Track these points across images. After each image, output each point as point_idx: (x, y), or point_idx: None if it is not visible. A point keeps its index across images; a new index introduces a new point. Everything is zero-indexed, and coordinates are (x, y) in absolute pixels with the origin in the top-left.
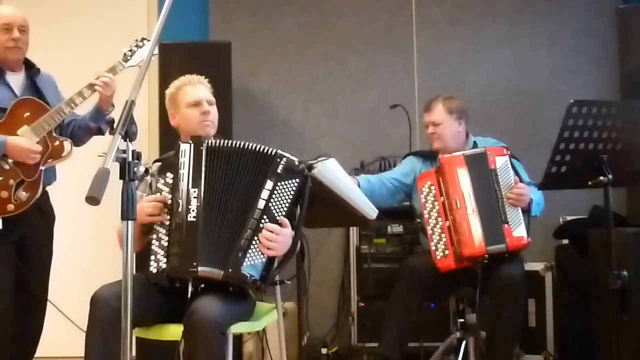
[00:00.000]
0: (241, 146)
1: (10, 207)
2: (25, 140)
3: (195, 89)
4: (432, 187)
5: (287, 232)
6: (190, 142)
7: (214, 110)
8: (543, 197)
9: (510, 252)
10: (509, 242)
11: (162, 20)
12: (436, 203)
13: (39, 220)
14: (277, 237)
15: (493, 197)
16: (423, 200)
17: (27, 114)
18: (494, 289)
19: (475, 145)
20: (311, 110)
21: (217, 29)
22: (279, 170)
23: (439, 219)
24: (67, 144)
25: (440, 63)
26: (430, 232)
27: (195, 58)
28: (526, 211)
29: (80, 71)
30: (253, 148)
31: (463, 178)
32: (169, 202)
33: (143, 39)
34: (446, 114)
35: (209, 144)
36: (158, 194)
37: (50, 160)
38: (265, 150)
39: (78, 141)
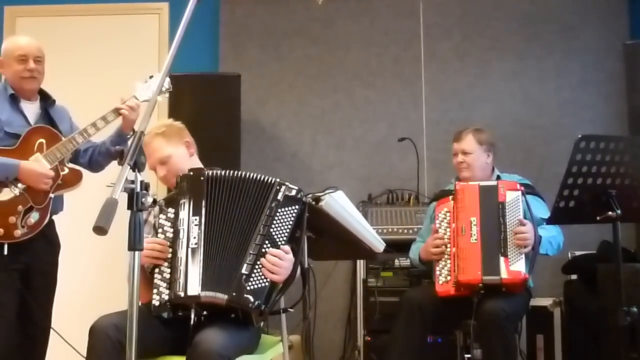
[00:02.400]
0: (241, 175)
1: (18, 233)
2: (38, 165)
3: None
4: (448, 214)
5: (290, 258)
6: (191, 173)
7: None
8: (561, 235)
9: (508, 285)
10: (503, 275)
11: (173, 53)
12: (448, 229)
13: (44, 248)
14: (280, 262)
15: (497, 229)
16: (437, 225)
17: (41, 141)
18: (480, 323)
19: (498, 178)
20: (319, 142)
21: (227, 61)
22: (279, 197)
23: (448, 245)
24: (78, 173)
25: (448, 96)
26: (436, 257)
27: (205, 89)
28: (532, 249)
29: (90, 100)
30: (253, 177)
31: (473, 207)
32: (171, 235)
33: (157, 73)
34: (477, 145)
35: (209, 174)
36: (160, 229)
37: (61, 188)
38: (265, 179)
39: (98, 166)
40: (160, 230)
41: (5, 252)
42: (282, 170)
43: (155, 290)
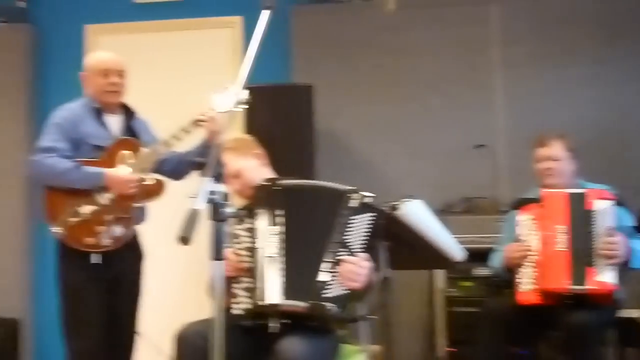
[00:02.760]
0: (315, 184)
1: (106, 242)
2: (122, 171)
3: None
4: (532, 221)
5: (367, 265)
6: (267, 183)
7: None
8: None
9: (595, 296)
10: (589, 286)
11: (248, 66)
12: (532, 237)
13: (130, 258)
14: (357, 269)
15: (585, 238)
16: (521, 232)
17: (126, 153)
18: (566, 335)
19: (581, 187)
20: (393, 150)
21: (299, 72)
22: (353, 205)
23: (532, 252)
24: (161, 183)
25: (524, 102)
26: (519, 263)
27: (279, 100)
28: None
29: (168, 113)
30: (326, 185)
31: (560, 214)
32: (249, 245)
33: (233, 86)
34: (565, 151)
35: (284, 184)
36: (236, 239)
37: (145, 198)
38: (338, 187)
39: (179, 176)
40: (236, 239)
41: (95, 261)
42: (358, 179)
43: (234, 300)
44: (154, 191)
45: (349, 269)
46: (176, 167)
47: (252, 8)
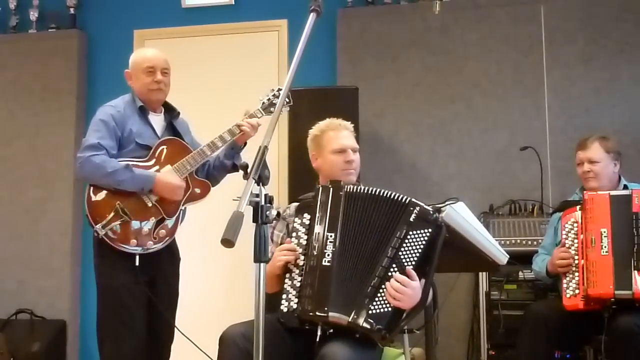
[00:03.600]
0: (377, 193)
1: (150, 244)
2: (172, 177)
3: (340, 135)
4: (575, 224)
5: (416, 285)
6: (330, 186)
7: (357, 158)
8: None
9: None
10: (635, 290)
11: (293, 71)
12: (576, 240)
13: (167, 260)
14: (404, 289)
15: (630, 241)
16: (564, 236)
17: (171, 153)
18: (612, 340)
19: (625, 188)
20: (438, 152)
21: (344, 74)
22: (411, 219)
23: (576, 256)
24: (206, 185)
25: (572, 103)
26: (564, 270)
27: (324, 103)
28: None
29: (214, 116)
30: (388, 195)
31: (603, 217)
32: (305, 242)
33: (279, 89)
34: (604, 153)
35: (348, 190)
36: (294, 233)
37: (190, 200)
38: (399, 198)
39: (214, 180)
40: (294, 234)
41: (137, 263)
42: (401, 181)
43: (284, 296)
44: (199, 195)
45: (395, 287)
46: (211, 173)
47: (298, 11)
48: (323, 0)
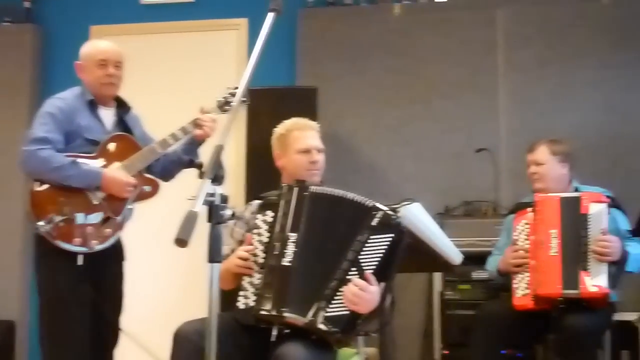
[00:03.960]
0: (341, 196)
1: (95, 243)
2: (120, 173)
3: (305, 134)
4: (527, 226)
5: (374, 290)
6: (296, 186)
7: (322, 159)
8: None
9: (589, 300)
10: (582, 289)
11: (251, 68)
12: (526, 242)
13: (112, 260)
14: (362, 294)
15: (578, 242)
16: (516, 237)
17: (120, 150)
18: (560, 338)
19: (576, 191)
20: (396, 153)
21: (304, 75)
22: (373, 223)
23: (527, 257)
24: (155, 184)
25: (527, 106)
26: (515, 270)
27: (283, 103)
28: (615, 264)
29: (171, 114)
30: (352, 199)
31: (553, 219)
32: (266, 240)
33: (235, 87)
34: (549, 155)
35: (313, 191)
36: (255, 230)
37: (140, 199)
38: (363, 202)
39: (169, 175)
40: (255, 231)
41: (81, 262)
42: (359, 182)
43: (242, 293)
44: (149, 194)
45: (352, 291)
46: (167, 167)
47: (258, 10)
48: (284, 0)
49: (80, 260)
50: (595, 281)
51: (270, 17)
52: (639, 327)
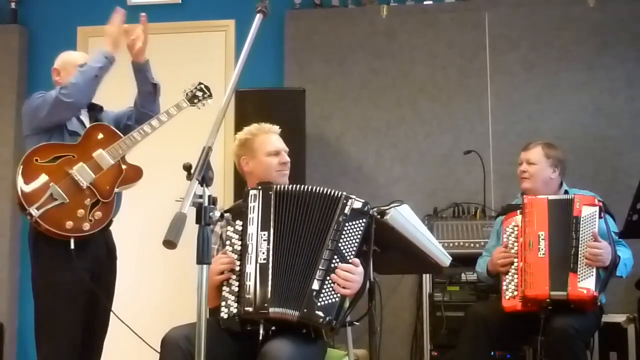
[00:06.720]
0: (308, 190)
1: (86, 226)
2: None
3: (272, 137)
4: (516, 228)
5: (360, 271)
6: (259, 187)
7: (289, 160)
8: (632, 257)
9: (576, 302)
10: (570, 291)
11: (239, 70)
12: (516, 243)
13: (106, 256)
14: (351, 277)
15: (567, 244)
16: (505, 239)
17: (101, 137)
18: (548, 340)
19: (566, 194)
20: (384, 155)
21: (291, 76)
22: (346, 211)
23: (515, 259)
24: (138, 169)
25: (515, 108)
26: (503, 269)
27: (270, 104)
28: (606, 268)
29: None
30: (320, 191)
31: (541, 221)
32: (239, 248)
33: (200, 83)
34: (543, 157)
35: (277, 189)
36: (228, 241)
37: (123, 184)
38: (332, 193)
39: (147, 116)
40: (228, 242)
41: (72, 247)
42: (347, 184)
43: (223, 303)
44: (132, 177)
45: (342, 276)
46: (140, 112)
47: (246, 12)
48: (271, 1)
49: (72, 245)
50: (583, 283)
51: (257, 18)
52: (628, 329)
